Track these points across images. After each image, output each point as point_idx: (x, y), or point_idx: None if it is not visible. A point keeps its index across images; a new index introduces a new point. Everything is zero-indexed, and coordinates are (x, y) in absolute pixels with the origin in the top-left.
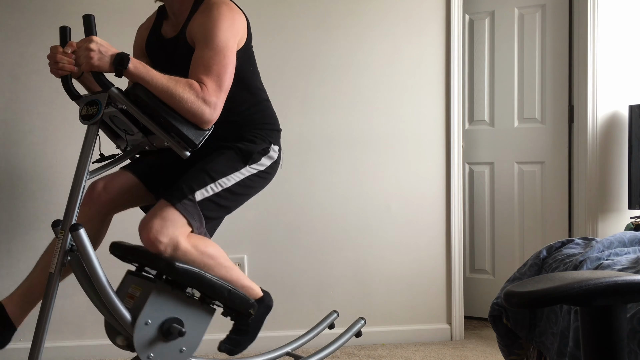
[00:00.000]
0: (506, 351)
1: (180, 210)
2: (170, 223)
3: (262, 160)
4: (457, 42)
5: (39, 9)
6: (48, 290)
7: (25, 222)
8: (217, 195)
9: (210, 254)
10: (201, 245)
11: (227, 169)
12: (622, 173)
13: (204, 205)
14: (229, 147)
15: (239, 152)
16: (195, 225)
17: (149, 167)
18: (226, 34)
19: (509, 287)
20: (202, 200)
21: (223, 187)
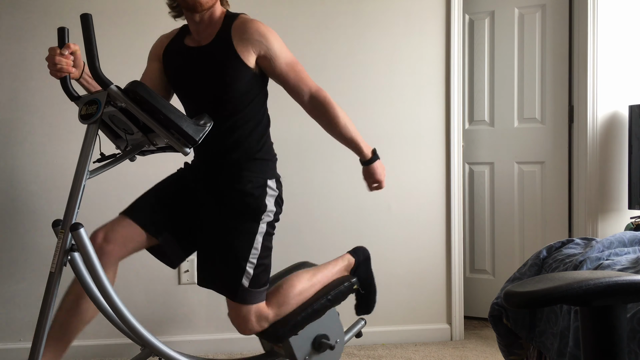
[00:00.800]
0: (506, 351)
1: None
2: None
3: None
4: (457, 42)
5: (39, 9)
6: (48, 290)
7: (25, 222)
8: (257, 266)
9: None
10: (281, 299)
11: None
12: (622, 173)
13: (254, 282)
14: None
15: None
16: (261, 300)
17: (150, 213)
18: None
19: (509, 287)
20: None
21: (256, 256)
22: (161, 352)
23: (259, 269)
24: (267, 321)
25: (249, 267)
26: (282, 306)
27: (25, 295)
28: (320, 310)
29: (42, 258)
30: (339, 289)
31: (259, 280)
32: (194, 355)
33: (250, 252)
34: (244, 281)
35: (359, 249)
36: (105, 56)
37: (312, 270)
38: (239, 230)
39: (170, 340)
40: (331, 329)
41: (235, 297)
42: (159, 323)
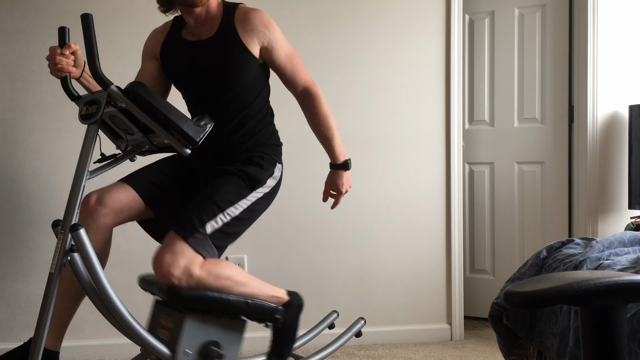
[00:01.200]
0: (506, 351)
1: (191, 244)
2: (181, 256)
3: (267, 182)
4: (457, 42)
5: (39, 9)
6: (48, 291)
7: (25, 222)
8: (227, 224)
9: (225, 275)
10: (214, 270)
11: (234, 197)
12: (622, 173)
13: (214, 236)
14: (235, 172)
15: (246, 179)
16: (207, 256)
17: (151, 184)
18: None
19: (509, 287)
20: (212, 232)
21: (232, 216)
22: (161, 352)
23: (226, 227)
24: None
25: (220, 217)
26: (209, 277)
27: (25, 295)
28: (233, 305)
29: (42, 258)
30: (262, 303)
31: (219, 239)
32: None
33: (229, 207)
34: (207, 226)
35: (297, 294)
36: (106, 56)
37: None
38: (230, 184)
39: None
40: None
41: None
42: None
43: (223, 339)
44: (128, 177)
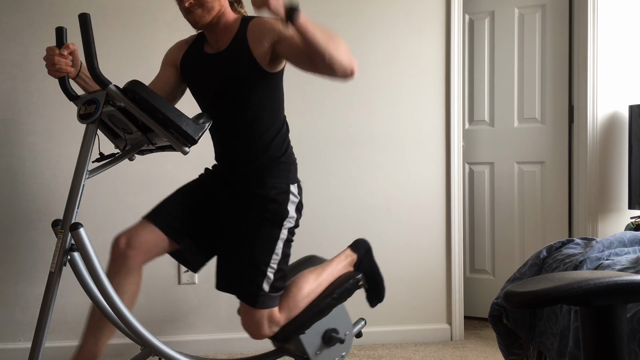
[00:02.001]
0: (506, 351)
1: (262, 307)
2: (260, 320)
3: (289, 209)
4: (457, 42)
5: (39, 9)
6: (48, 290)
7: (25, 222)
8: (277, 271)
9: (301, 298)
10: (291, 303)
11: (271, 244)
12: (622, 173)
13: (274, 287)
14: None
15: (271, 222)
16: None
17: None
18: None
19: (509, 287)
20: (270, 286)
21: (277, 261)
22: (161, 352)
23: (278, 274)
24: (278, 325)
25: (269, 272)
26: (292, 310)
27: (25, 295)
28: (326, 309)
29: (42, 258)
30: (344, 287)
31: (278, 285)
32: (194, 355)
33: (272, 257)
34: (265, 286)
35: (360, 242)
36: (104, 56)
37: (318, 269)
38: (261, 236)
39: (170, 340)
40: (339, 322)
41: (255, 302)
42: (159, 323)
43: (335, 321)
44: (150, 214)
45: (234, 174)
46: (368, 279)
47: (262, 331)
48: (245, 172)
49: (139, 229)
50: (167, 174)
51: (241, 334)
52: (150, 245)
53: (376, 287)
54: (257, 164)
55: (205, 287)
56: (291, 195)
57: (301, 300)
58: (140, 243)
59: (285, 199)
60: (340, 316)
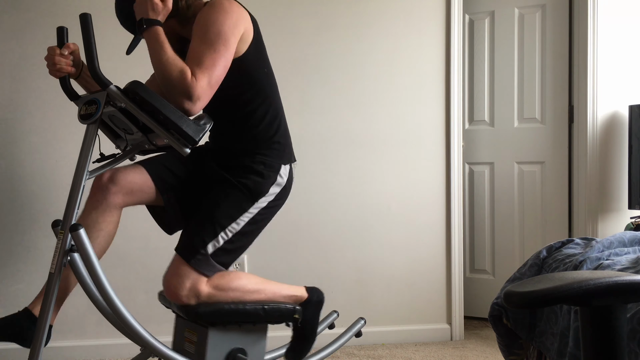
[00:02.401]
0: (506, 351)
1: (193, 265)
2: (186, 278)
3: (270, 190)
4: (457, 42)
5: (39, 9)
6: (48, 290)
7: (25, 222)
8: (229, 241)
9: (234, 287)
10: (222, 284)
11: (235, 211)
12: (622, 173)
13: (217, 254)
14: (235, 184)
15: (247, 191)
16: (211, 275)
17: (165, 169)
18: (220, 27)
19: (509, 287)
20: (214, 251)
21: (233, 232)
22: (161, 352)
23: (228, 244)
24: (198, 298)
25: (221, 235)
26: (219, 291)
27: (25, 295)
28: (250, 314)
29: (42, 258)
30: (279, 306)
31: (222, 255)
32: None
33: (231, 223)
34: (209, 247)
35: (315, 290)
36: (104, 56)
37: (264, 280)
38: (230, 199)
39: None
40: (252, 347)
41: (191, 258)
42: (159, 323)
43: (247, 344)
44: (144, 160)
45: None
46: (304, 324)
47: (180, 291)
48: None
49: (128, 167)
50: None
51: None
52: (135, 186)
53: (305, 339)
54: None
55: None
56: (279, 176)
57: (232, 289)
58: (126, 181)
59: (272, 177)
60: (257, 343)
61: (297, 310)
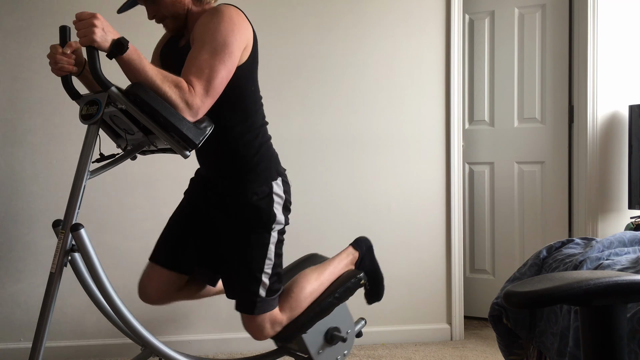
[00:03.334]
0: (506, 351)
1: (260, 313)
2: (260, 325)
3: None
4: (457, 42)
5: (39, 9)
6: (48, 290)
7: (25, 222)
8: (272, 275)
9: (303, 297)
10: (293, 302)
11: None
12: (622, 173)
13: (270, 291)
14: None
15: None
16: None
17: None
18: (226, 37)
19: (509, 287)
20: (267, 291)
21: (271, 265)
22: (161, 352)
23: (273, 278)
24: (281, 326)
25: (264, 277)
26: (295, 310)
27: (25, 295)
28: (328, 308)
29: (42, 258)
30: (346, 286)
31: (274, 288)
32: (194, 355)
33: (265, 262)
34: (261, 292)
35: (361, 240)
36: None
37: (319, 269)
38: (251, 243)
39: (170, 340)
40: (341, 320)
41: (254, 309)
42: (159, 323)
43: (337, 320)
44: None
45: (212, 176)
46: (369, 277)
47: (264, 333)
48: (221, 174)
49: (148, 277)
50: (168, 174)
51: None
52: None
53: (376, 285)
54: (232, 167)
55: None
56: (275, 196)
57: (303, 300)
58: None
59: (269, 202)
60: (342, 314)
61: (361, 278)
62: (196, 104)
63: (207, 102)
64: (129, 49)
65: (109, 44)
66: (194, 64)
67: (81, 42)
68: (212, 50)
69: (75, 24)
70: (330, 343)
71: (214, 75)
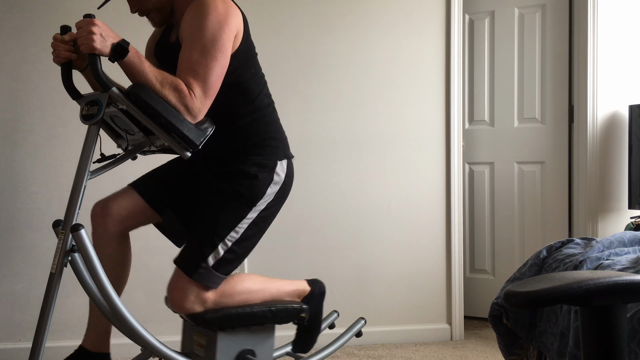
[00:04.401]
0: (506, 351)
1: (196, 280)
2: (189, 291)
3: (267, 191)
4: (457, 42)
5: (39, 9)
6: (48, 291)
7: (25, 222)
8: (229, 251)
9: (240, 290)
10: (228, 289)
11: (233, 220)
12: (622, 173)
13: (220, 265)
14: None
15: (242, 199)
16: (215, 286)
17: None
18: (215, 32)
19: (509, 287)
20: (215, 262)
21: (233, 240)
22: (161, 352)
23: (230, 253)
24: (204, 306)
25: (221, 246)
26: (225, 297)
27: (25, 295)
28: (258, 316)
29: (42, 258)
30: (286, 306)
31: (225, 265)
32: None
33: (229, 233)
34: (210, 259)
35: (317, 282)
36: None
37: (269, 279)
38: (227, 208)
39: (170, 340)
40: (261, 347)
41: (193, 272)
42: (159, 323)
43: (256, 344)
44: (136, 180)
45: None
46: (309, 319)
47: (185, 303)
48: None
49: (119, 194)
50: None
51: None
52: (129, 212)
53: (310, 332)
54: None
55: None
56: (275, 175)
57: (238, 292)
58: (118, 209)
59: (267, 178)
60: (265, 342)
61: (303, 309)
62: (196, 106)
63: (207, 102)
64: (129, 52)
65: (109, 49)
66: (188, 65)
67: (82, 50)
68: (203, 48)
69: (76, 34)
70: None
71: (208, 74)
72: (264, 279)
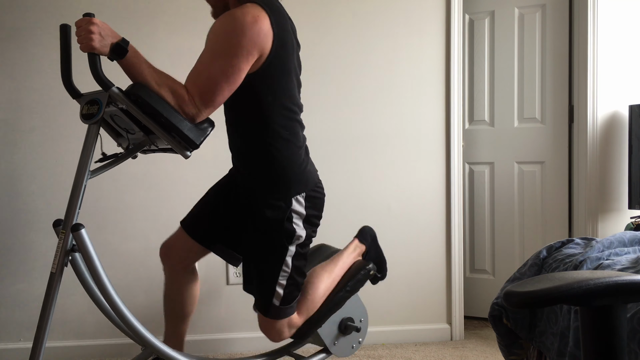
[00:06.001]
0: (506, 351)
1: (275, 318)
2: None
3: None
4: (457, 42)
5: (39, 9)
6: (49, 291)
7: (25, 222)
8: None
9: (317, 297)
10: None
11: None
12: (622, 173)
13: (285, 299)
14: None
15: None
16: (292, 311)
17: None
18: (231, 46)
19: (509, 287)
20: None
21: (286, 276)
22: (161, 352)
23: (289, 288)
24: (295, 327)
25: (278, 288)
26: (308, 310)
27: (25, 295)
28: (341, 302)
29: (43, 258)
30: (357, 278)
31: (289, 297)
32: (194, 355)
33: (280, 274)
34: (275, 301)
35: (366, 232)
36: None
37: (329, 265)
38: (267, 253)
39: None
40: (354, 310)
41: (267, 313)
42: (159, 323)
43: (349, 310)
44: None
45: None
46: (376, 265)
47: (282, 336)
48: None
49: (175, 237)
50: (167, 174)
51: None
52: (186, 252)
53: (381, 270)
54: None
55: (204, 287)
56: (293, 213)
57: (319, 300)
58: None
59: (283, 218)
60: (354, 304)
61: (370, 269)
62: (191, 112)
63: (205, 111)
64: (128, 51)
65: (108, 49)
66: (195, 70)
67: (81, 49)
68: (214, 58)
69: (76, 32)
70: (345, 333)
71: (212, 85)
72: (328, 270)
